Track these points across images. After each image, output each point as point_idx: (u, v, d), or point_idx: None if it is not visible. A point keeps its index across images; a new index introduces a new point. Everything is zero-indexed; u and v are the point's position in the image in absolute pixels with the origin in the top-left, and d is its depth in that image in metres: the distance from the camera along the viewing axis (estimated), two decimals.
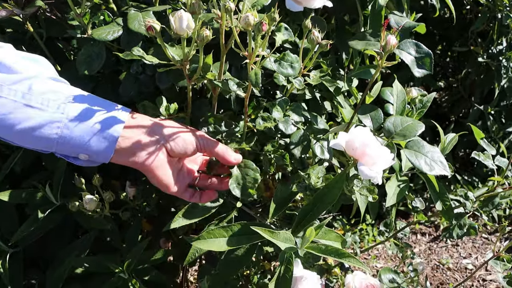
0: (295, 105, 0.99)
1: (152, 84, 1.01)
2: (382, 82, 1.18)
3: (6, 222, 1.19)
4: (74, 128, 0.77)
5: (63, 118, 0.77)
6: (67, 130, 0.77)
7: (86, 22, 0.97)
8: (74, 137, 0.78)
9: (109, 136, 0.80)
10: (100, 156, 0.81)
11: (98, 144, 0.79)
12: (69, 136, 0.77)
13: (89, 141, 0.79)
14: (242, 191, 0.93)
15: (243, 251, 0.99)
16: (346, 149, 0.87)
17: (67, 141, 0.78)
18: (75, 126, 0.77)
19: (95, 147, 0.79)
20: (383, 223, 1.39)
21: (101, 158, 0.82)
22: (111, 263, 1.12)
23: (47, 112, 0.76)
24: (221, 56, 0.87)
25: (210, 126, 0.95)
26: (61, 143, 0.78)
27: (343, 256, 0.85)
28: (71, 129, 0.77)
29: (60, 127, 0.77)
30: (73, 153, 0.81)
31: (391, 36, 0.89)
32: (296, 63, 0.86)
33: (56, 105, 0.77)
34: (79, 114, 0.78)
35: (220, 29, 0.82)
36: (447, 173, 0.95)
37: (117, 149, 0.80)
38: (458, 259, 2.29)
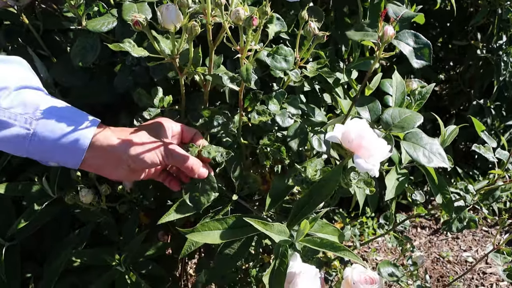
0: (292, 98, 0.98)
1: (147, 75, 1.00)
2: (383, 75, 1.17)
3: (3, 215, 1.18)
4: (40, 144, 0.79)
5: (29, 134, 0.78)
6: (34, 143, 0.79)
7: (81, 13, 0.96)
8: (42, 150, 0.80)
9: (75, 151, 0.81)
10: (69, 165, 0.84)
11: (65, 158, 0.82)
12: (36, 149, 0.79)
13: (55, 155, 0.81)
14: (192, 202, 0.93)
15: (239, 244, 0.98)
16: (342, 141, 0.86)
17: (35, 153, 0.80)
18: (41, 142, 0.79)
19: (62, 160, 0.82)
20: (383, 216, 1.38)
21: (69, 166, 0.84)
22: (108, 256, 1.12)
23: (15, 127, 0.77)
24: (210, 52, 0.86)
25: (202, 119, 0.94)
26: (31, 153, 0.80)
27: (339, 250, 0.84)
28: (38, 143, 0.79)
29: (28, 139, 0.78)
30: (43, 161, 0.86)
31: (389, 26, 0.88)
32: (290, 56, 0.84)
33: (24, 119, 0.78)
34: (46, 130, 0.79)
35: (206, 26, 0.81)
36: (446, 165, 0.94)
37: (84, 163, 0.82)
38: (458, 252, 2.28)
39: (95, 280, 1.12)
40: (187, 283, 1.59)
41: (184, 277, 1.55)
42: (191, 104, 0.99)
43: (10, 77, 0.80)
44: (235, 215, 0.89)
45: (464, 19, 2.13)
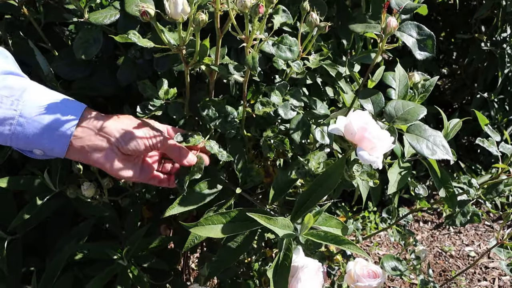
0: (295, 90, 0.98)
1: (150, 68, 1.00)
2: (385, 68, 1.17)
3: (4, 209, 1.18)
4: (27, 126, 0.78)
5: (16, 115, 0.77)
6: (20, 127, 0.78)
7: (83, 6, 0.95)
8: (27, 134, 0.78)
9: (62, 134, 0.80)
10: (55, 153, 0.82)
11: (51, 142, 0.80)
12: (22, 133, 0.78)
13: (42, 139, 0.79)
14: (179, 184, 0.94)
15: (242, 238, 0.98)
16: (345, 133, 0.86)
17: (20, 138, 0.78)
18: (28, 124, 0.78)
19: (48, 144, 0.80)
20: (386, 210, 1.37)
21: (55, 154, 0.82)
22: (110, 250, 1.12)
23: (1, 109, 0.76)
24: (217, 41, 0.86)
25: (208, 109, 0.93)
26: (15, 139, 0.79)
27: (343, 243, 0.84)
28: (24, 126, 0.78)
29: (13, 123, 0.77)
30: (28, 148, 0.82)
31: (392, 18, 0.87)
32: (295, 46, 0.84)
33: (10, 101, 0.77)
34: (33, 111, 0.78)
35: (215, 13, 0.80)
36: (450, 157, 0.93)
37: (70, 148, 0.81)
38: (461, 247, 2.28)
39: (97, 274, 1.12)
40: (189, 277, 1.59)
41: (186, 271, 1.55)
42: (195, 96, 0.98)
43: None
44: (239, 209, 0.88)
45: (467, 12, 2.12)
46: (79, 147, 0.81)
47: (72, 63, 1.02)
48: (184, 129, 0.98)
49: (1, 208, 1.18)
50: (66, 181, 1.11)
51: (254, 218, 0.82)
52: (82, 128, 0.82)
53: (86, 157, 0.83)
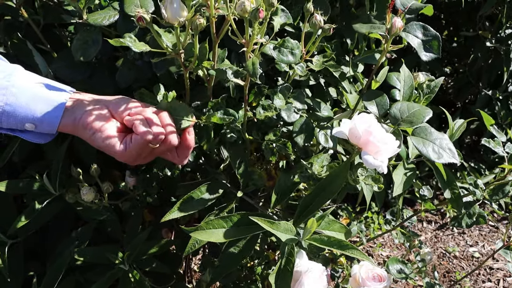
0: (298, 92, 0.96)
1: (149, 70, 0.98)
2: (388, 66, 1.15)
3: (4, 213, 1.17)
4: (20, 95, 0.78)
5: (9, 85, 0.77)
6: (13, 96, 0.77)
7: (82, 6, 0.94)
8: (20, 103, 0.78)
9: (56, 101, 0.80)
10: (47, 124, 0.80)
11: (44, 111, 0.79)
12: (15, 103, 0.78)
13: (35, 107, 0.79)
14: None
15: (244, 242, 0.96)
16: (349, 137, 0.84)
17: (13, 108, 0.78)
18: (21, 93, 0.78)
19: (41, 114, 0.79)
20: (390, 212, 1.36)
21: (47, 127, 0.81)
22: (111, 254, 1.10)
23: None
24: (213, 46, 0.84)
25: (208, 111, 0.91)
26: (7, 111, 0.78)
27: (346, 248, 0.82)
28: (17, 96, 0.78)
29: (6, 94, 0.77)
30: (19, 124, 0.80)
31: (397, 18, 0.86)
32: (296, 49, 0.82)
33: (2, 75, 0.78)
34: (26, 83, 0.79)
35: (210, 18, 0.78)
36: (456, 160, 0.92)
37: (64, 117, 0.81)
38: (465, 247, 2.26)
39: (99, 279, 1.11)
40: (191, 279, 1.57)
41: (188, 274, 1.54)
42: (195, 99, 0.97)
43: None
44: (240, 213, 0.87)
45: (471, 9, 2.10)
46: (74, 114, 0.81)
47: (71, 65, 1.00)
48: None
49: (1, 212, 1.16)
50: (66, 185, 1.10)
51: (257, 222, 0.80)
52: (75, 99, 0.82)
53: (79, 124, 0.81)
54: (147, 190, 1.14)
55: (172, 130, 0.84)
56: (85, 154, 1.12)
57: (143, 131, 0.81)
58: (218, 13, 0.77)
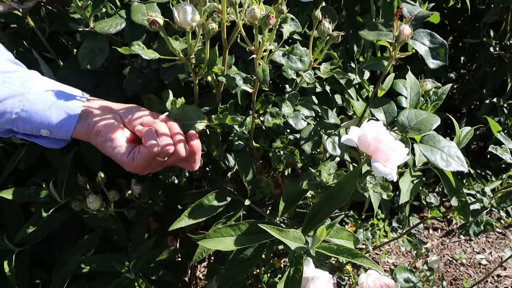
0: (305, 99, 0.96)
1: (157, 78, 0.97)
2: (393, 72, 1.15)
3: (12, 220, 1.17)
4: (36, 101, 0.79)
5: (26, 92, 0.79)
6: (29, 103, 0.79)
7: (88, 15, 0.94)
8: (36, 109, 0.79)
9: (71, 109, 0.81)
10: (62, 130, 0.82)
11: (59, 118, 0.81)
12: (31, 109, 0.79)
13: (50, 114, 0.80)
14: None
15: (252, 250, 0.95)
16: (358, 145, 0.84)
17: (29, 114, 0.79)
18: (37, 99, 0.79)
19: (57, 119, 0.81)
20: (396, 219, 1.35)
21: (62, 133, 0.82)
22: (117, 262, 1.10)
23: (10, 88, 0.78)
24: (224, 52, 0.84)
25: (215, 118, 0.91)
26: (23, 117, 0.79)
27: (356, 257, 0.82)
28: (33, 102, 0.79)
29: (22, 100, 0.79)
30: (35, 129, 0.82)
31: (405, 25, 0.85)
32: (305, 56, 0.82)
33: (19, 82, 0.79)
34: (41, 89, 0.80)
35: (221, 24, 0.78)
36: (465, 169, 0.91)
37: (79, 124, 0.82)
38: (472, 254, 2.25)
39: (105, 287, 1.10)
40: (196, 287, 1.57)
41: (193, 282, 1.53)
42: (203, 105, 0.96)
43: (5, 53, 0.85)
44: (249, 221, 0.86)
45: (475, 16, 2.09)
46: (87, 121, 0.82)
47: (78, 73, 1.00)
48: None
49: (9, 220, 1.16)
50: (72, 193, 1.10)
51: (266, 230, 0.80)
52: (89, 105, 0.83)
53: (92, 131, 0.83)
54: (153, 198, 1.13)
55: (180, 140, 0.84)
56: (91, 162, 1.11)
57: (151, 144, 0.81)
58: (230, 18, 0.77)
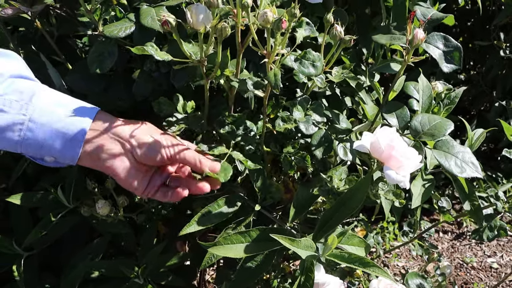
0: (317, 104, 0.95)
1: (166, 82, 0.96)
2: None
3: (20, 225, 1.16)
4: (37, 131, 0.75)
5: (25, 120, 0.74)
6: (30, 132, 0.75)
7: (97, 18, 0.93)
8: (38, 139, 0.76)
9: (73, 139, 0.77)
10: (67, 159, 0.79)
11: (62, 148, 0.77)
12: (32, 139, 0.75)
13: (53, 144, 0.76)
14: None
15: (262, 256, 0.94)
16: (371, 151, 0.83)
17: (30, 144, 0.76)
18: (38, 129, 0.75)
19: (60, 150, 0.77)
20: (407, 223, 1.33)
21: (67, 161, 0.79)
22: (126, 267, 1.09)
23: (10, 114, 0.74)
24: (238, 55, 0.82)
25: (228, 126, 0.90)
26: (25, 145, 0.76)
27: (368, 266, 0.80)
28: (34, 132, 0.75)
29: (23, 129, 0.75)
30: (38, 155, 0.79)
31: (419, 29, 0.84)
32: (318, 61, 0.81)
33: (19, 106, 0.74)
34: (43, 115, 0.76)
35: (236, 27, 0.77)
36: (479, 175, 0.90)
37: (82, 153, 0.78)
38: (483, 258, 2.23)
39: None
40: None
41: (203, 286, 1.52)
42: (213, 109, 0.95)
43: (4, 67, 0.77)
44: (259, 228, 0.85)
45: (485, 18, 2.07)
46: (91, 152, 0.78)
47: (87, 77, 0.99)
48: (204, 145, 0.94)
49: (17, 225, 1.16)
50: (81, 197, 1.09)
51: (277, 239, 0.78)
52: (95, 131, 0.78)
53: (98, 163, 0.80)
54: (162, 203, 1.12)
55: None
56: None
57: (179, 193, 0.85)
58: (244, 21, 0.75)
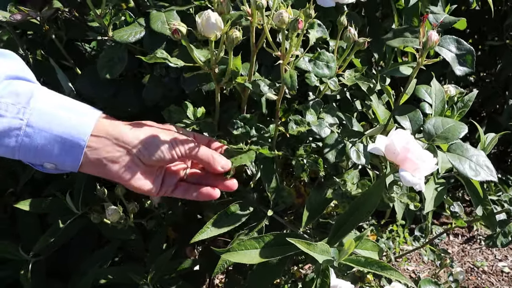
0: (329, 107, 0.94)
1: (177, 87, 0.95)
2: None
3: (28, 230, 1.16)
4: (35, 136, 0.70)
5: (23, 124, 0.69)
6: (28, 138, 0.70)
7: (107, 23, 0.92)
8: (36, 146, 0.71)
9: (74, 145, 0.72)
10: (67, 166, 0.74)
11: (62, 155, 0.72)
12: (30, 145, 0.70)
13: (52, 151, 0.71)
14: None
15: (275, 262, 0.93)
16: (386, 154, 0.82)
17: (28, 149, 0.70)
18: (36, 134, 0.70)
19: (60, 157, 0.72)
20: (418, 228, 1.32)
21: (68, 168, 0.74)
22: (135, 274, 1.08)
23: (6, 117, 0.69)
24: (252, 57, 0.81)
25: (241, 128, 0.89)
26: (23, 152, 0.71)
27: (386, 269, 0.79)
28: (31, 137, 0.70)
29: (20, 134, 0.69)
30: (38, 162, 0.74)
31: (433, 31, 0.83)
32: (332, 62, 0.80)
33: (16, 109, 0.69)
34: (41, 119, 0.71)
35: (251, 28, 0.76)
36: (494, 178, 0.89)
37: (84, 160, 0.73)
38: (494, 262, 2.21)
39: None
40: None
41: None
42: (224, 114, 0.94)
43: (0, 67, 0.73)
44: (273, 233, 0.84)
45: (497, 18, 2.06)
46: (94, 159, 0.73)
47: (96, 82, 0.98)
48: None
49: (25, 230, 1.15)
50: (90, 203, 1.08)
51: (294, 243, 0.78)
52: (97, 137, 0.73)
53: (102, 171, 0.75)
54: (172, 208, 1.11)
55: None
56: None
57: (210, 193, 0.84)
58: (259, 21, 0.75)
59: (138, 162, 0.76)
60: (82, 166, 0.74)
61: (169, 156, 0.78)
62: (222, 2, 0.74)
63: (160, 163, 0.79)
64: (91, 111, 0.76)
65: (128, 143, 0.75)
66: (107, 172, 0.75)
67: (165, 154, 0.77)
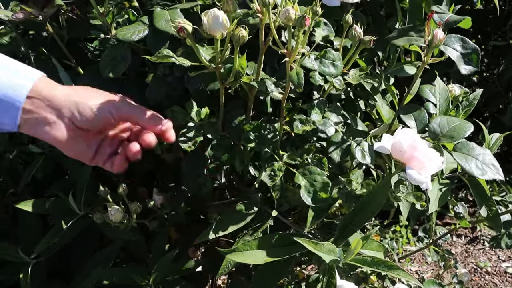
0: (334, 106, 0.93)
1: (180, 86, 0.95)
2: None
3: (29, 232, 1.15)
4: None
5: None
6: None
7: (110, 21, 0.92)
8: None
9: (10, 106, 0.70)
10: (6, 126, 0.72)
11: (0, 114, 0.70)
12: None
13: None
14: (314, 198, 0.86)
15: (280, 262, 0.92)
16: (392, 152, 0.81)
17: None
18: None
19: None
20: (422, 229, 1.31)
21: (7, 127, 0.72)
22: (137, 275, 1.07)
23: None
24: (260, 55, 0.80)
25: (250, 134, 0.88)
26: None
27: (393, 269, 0.79)
28: None
29: None
30: None
31: (439, 30, 0.83)
32: (338, 61, 0.80)
33: None
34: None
35: (260, 25, 0.75)
36: (501, 177, 0.89)
37: (21, 122, 0.71)
38: (497, 262, 2.20)
39: None
40: None
41: None
42: (229, 114, 0.93)
43: None
44: (279, 234, 0.84)
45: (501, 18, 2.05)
46: (29, 121, 0.72)
47: (98, 81, 0.96)
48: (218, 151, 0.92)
49: (26, 231, 1.15)
50: (92, 203, 1.07)
51: (301, 243, 0.77)
52: (32, 99, 0.71)
53: (39, 134, 0.73)
54: (175, 208, 1.11)
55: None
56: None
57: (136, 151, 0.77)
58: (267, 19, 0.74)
59: (71, 126, 0.74)
60: (21, 127, 0.73)
61: (105, 119, 0.75)
62: (228, 0, 0.73)
63: (92, 124, 0.75)
64: (32, 73, 0.74)
65: (60, 105, 0.73)
66: (43, 135, 0.73)
67: (100, 117, 0.74)
